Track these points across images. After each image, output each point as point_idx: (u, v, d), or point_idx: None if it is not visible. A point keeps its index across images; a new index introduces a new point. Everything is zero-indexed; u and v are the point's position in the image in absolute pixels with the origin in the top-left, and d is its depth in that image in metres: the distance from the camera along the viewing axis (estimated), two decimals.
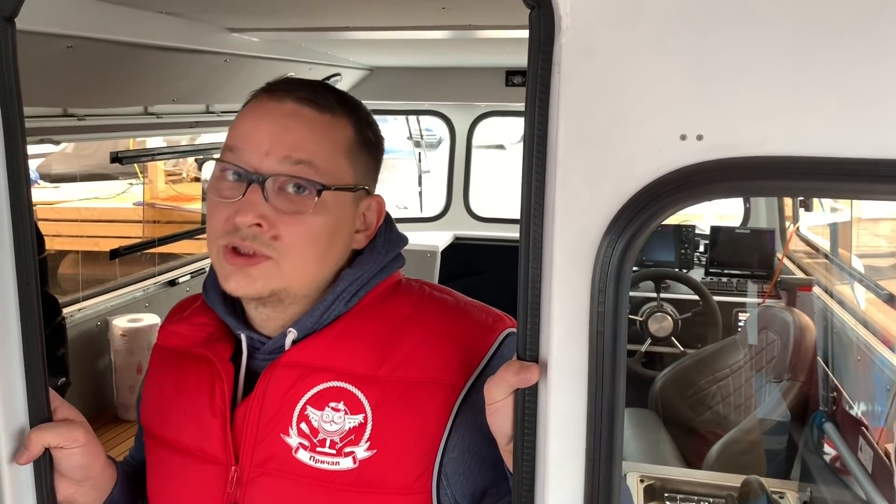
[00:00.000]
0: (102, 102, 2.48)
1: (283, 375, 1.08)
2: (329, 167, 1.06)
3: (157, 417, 1.20)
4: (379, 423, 1.05)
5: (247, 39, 2.64)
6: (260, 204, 1.03)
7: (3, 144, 1.00)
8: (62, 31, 1.73)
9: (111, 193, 5.72)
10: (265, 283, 1.05)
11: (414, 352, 1.08)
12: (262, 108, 1.07)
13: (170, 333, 1.19)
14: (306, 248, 1.06)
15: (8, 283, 1.03)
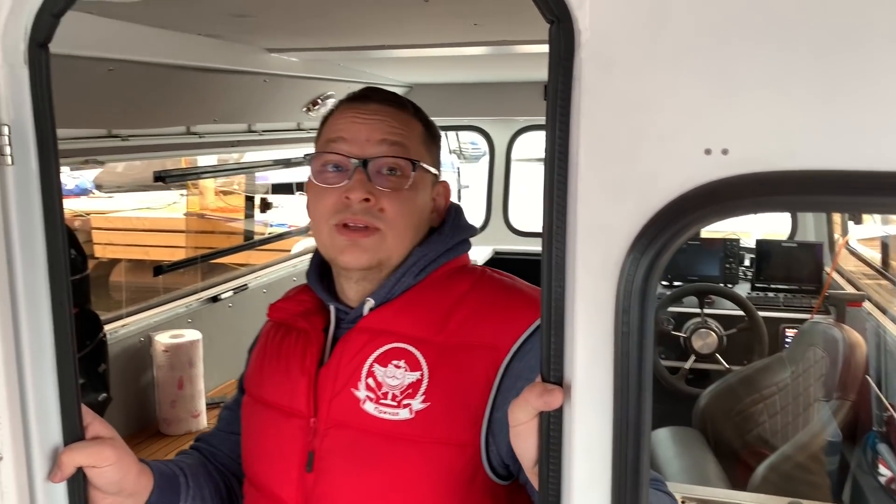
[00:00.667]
0: (145, 123, 2.53)
1: (356, 338, 1.24)
2: (416, 150, 1.26)
3: (257, 379, 1.37)
4: (434, 379, 1.18)
5: (285, 59, 2.68)
6: (365, 183, 1.21)
7: (39, 168, 1.03)
8: (103, 55, 1.78)
9: (163, 204, 5.84)
10: (374, 253, 1.22)
11: (467, 320, 1.21)
12: (353, 110, 1.27)
13: (276, 309, 1.38)
14: (405, 220, 1.24)
15: (42, 304, 1.05)
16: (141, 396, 2.77)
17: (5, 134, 0.99)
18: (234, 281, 3.51)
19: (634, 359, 0.82)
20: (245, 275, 3.69)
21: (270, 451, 1.29)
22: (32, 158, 1.02)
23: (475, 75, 3.87)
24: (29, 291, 1.04)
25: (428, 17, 1.71)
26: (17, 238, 1.02)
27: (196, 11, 1.66)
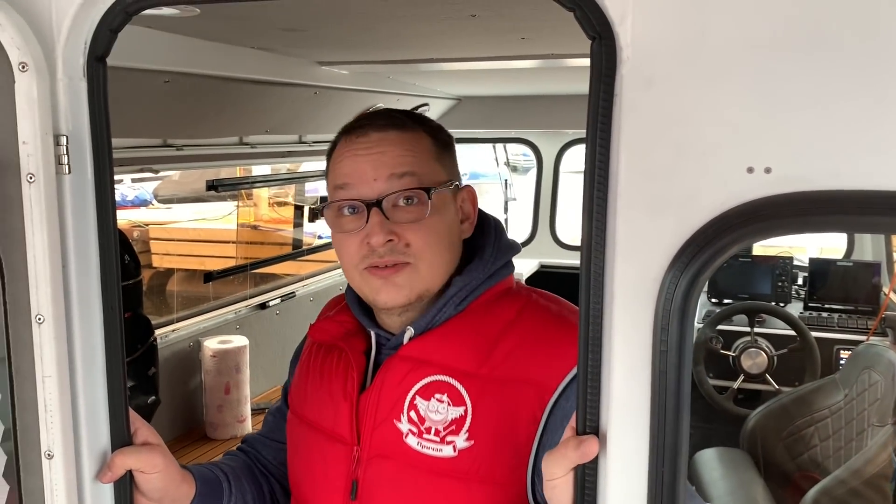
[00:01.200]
0: (199, 133, 2.60)
1: (398, 367, 1.20)
2: (427, 172, 1.19)
3: (301, 397, 1.35)
4: (477, 416, 1.14)
5: (336, 72, 2.72)
6: (384, 223, 1.16)
7: (94, 177, 1.07)
8: (160, 67, 1.83)
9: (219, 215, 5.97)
10: (410, 288, 1.18)
11: (512, 353, 1.16)
12: (353, 145, 1.20)
13: (318, 329, 1.35)
14: (435, 248, 1.19)
15: (94, 308, 1.09)
16: (188, 400, 2.83)
17: (63, 144, 1.03)
18: (282, 289, 3.57)
19: (672, 378, 0.81)
20: (293, 283, 3.75)
21: (316, 474, 1.28)
22: (88, 168, 1.06)
23: (523, 88, 3.87)
24: (82, 295, 1.07)
25: (475, 31, 1.72)
26: (72, 244, 1.06)
27: (249, 25, 1.70)
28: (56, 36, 1.03)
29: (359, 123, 1.22)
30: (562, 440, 0.90)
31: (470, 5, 1.40)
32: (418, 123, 1.23)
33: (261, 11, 1.48)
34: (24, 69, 0.99)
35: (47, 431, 1.06)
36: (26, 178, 1.01)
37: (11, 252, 1.03)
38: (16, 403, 1.07)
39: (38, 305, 1.03)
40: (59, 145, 1.03)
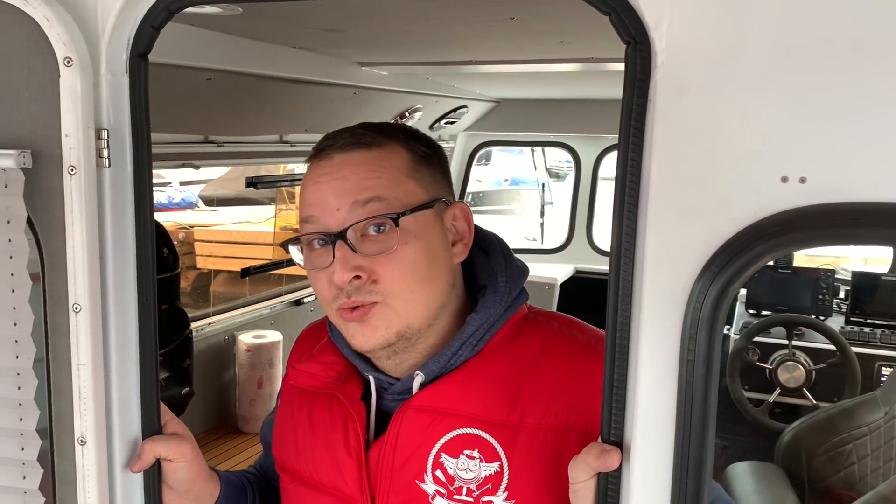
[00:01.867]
0: (240, 131, 2.64)
1: (415, 420, 1.08)
2: (398, 194, 1.06)
3: (290, 452, 1.22)
4: (515, 471, 1.03)
5: (376, 73, 2.73)
6: (351, 258, 1.03)
7: (133, 171, 1.09)
8: (202, 65, 1.86)
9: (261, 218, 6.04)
10: (386, 328, 1.05)
11: (545, 396, 1.05)
12: (316, 172, 1.09)
13: (301, 374, 1.20)
14: (408, 280, 1.05)
15: (129, 299, 1.11)
16: (222, 393, 2.87)
17: (104, 138, 1.05)
18: None
19: (699, 390, 0.80)
20: None
21: None
22: (128, 161, 1.08)
23: (563, 91, 3.85)
24: (118, 286, 1.10)
25: (514, 34, 1.72)
26: (110, 235, 1.08)
27: (290, 25, 1.72)
28: (100, 32, 1.05)
29: (321, 145, 1.10)
30: (586, 447, 0.90)
31: (508, 8, 1.39)
32: (393, 137, 1.10)
33: (302, 11, 1.50)
34: (68, 64, 1.01)
35: (81, 418, 1.08)
36: (68, 171, 1.03)
37: (51, 242, 1.06)
38: (52, 390, 1.09)
39: (76, 295, 1.06)
40: (101, 139, 1.05)
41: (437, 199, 1.10)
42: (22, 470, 1.09)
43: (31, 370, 1.07)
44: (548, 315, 1.17)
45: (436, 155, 1.15)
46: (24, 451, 1.09)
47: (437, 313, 1.09)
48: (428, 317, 1.08)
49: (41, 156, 1.04)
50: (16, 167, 1.02)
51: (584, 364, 1.07)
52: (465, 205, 1.14)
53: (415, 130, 1.16)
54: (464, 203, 1.14)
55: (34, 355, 1.07)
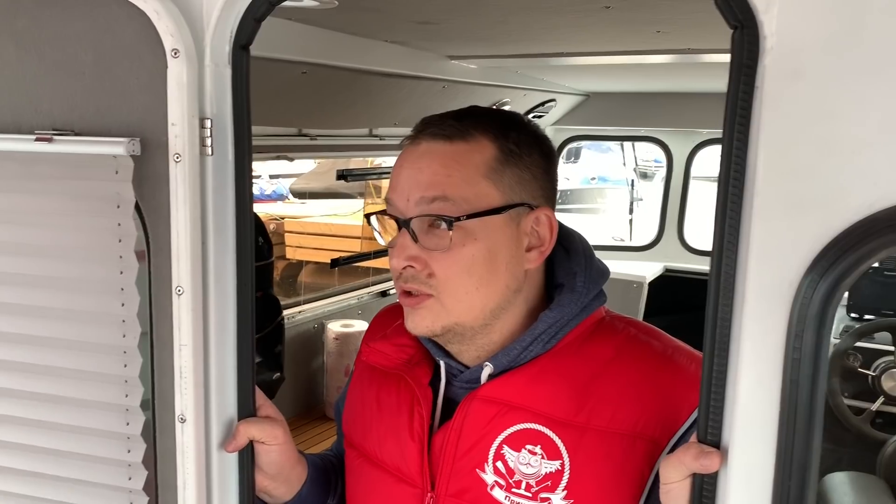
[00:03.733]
0: (332, 124, 2.69)
1: (481, 410, 1.09)
2: (466, 195, 1.05)
3: (358, 428, 1.25)
4: (577, 471, 1.03)
5: (465, 66, 2.74)
6: (409, 246, 1.06)
7: (234, 160, 1.12)
8: (298, 58, 1.91)
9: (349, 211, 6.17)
10: (432, 320, 1.08)
11: (614, 400, 1.04)
12: (403, 155, 1.11)
13: (373, 352, 1.23)
14: (462, 280, 1.06)
15: (229, 284, 1.15)
16: (310, 380, 2.94)
17: (208, 127, 1.09)
18: None
19: (805, 390, 0.76)
20: None
21: None
22: (229, 150, 1.12)
23: (655, 84, 3.75)
24: (218, 270, 1.13)
25: (609, 24, 1.69)
26: (212, 222, 1.12)
27: (384, 18, 1.74)
28: (205, 25, 1.09)
29: (418, 128, 1.12)
30: (683, 445, 0.87)
31: None
32: (481, 129, 1.08)
33: (397, 4, 1.51)
34: (175, 55, 1.05)
35: (181, 397, 1.13)
36: (173, 158, 1.07)
37: (157, 227, 1.11)
38: (155, 369, 1.14)
39: (179, 278, 1.10)
40: (204, 128, 1.09)
41: (513, 204, 1.08)
42: (127, 444, 1.15)
43: (137, 349, 1.12)
44: (625, 320, 1.16)
45: (530, 153, 1.11)
46: (129, 425, 1.14)
47: (493, 315, 1.10)
48: (481, 317, 1.09)
49: (149, 143, 1.08)
50: (126, 154, 1.07)
51: (657, 372, 1.06)
52: (552, 212, 1.12)
53: (517, 121, 1.14)
54: (550, 210, 1.12)
55: (139, 335, 1.12)
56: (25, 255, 1.15)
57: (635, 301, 4.06)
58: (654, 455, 1.02)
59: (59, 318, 1.15)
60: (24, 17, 1.12)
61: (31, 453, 1.20)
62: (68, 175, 1.11)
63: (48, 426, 1.18)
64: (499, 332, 1.12)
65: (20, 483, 1.21)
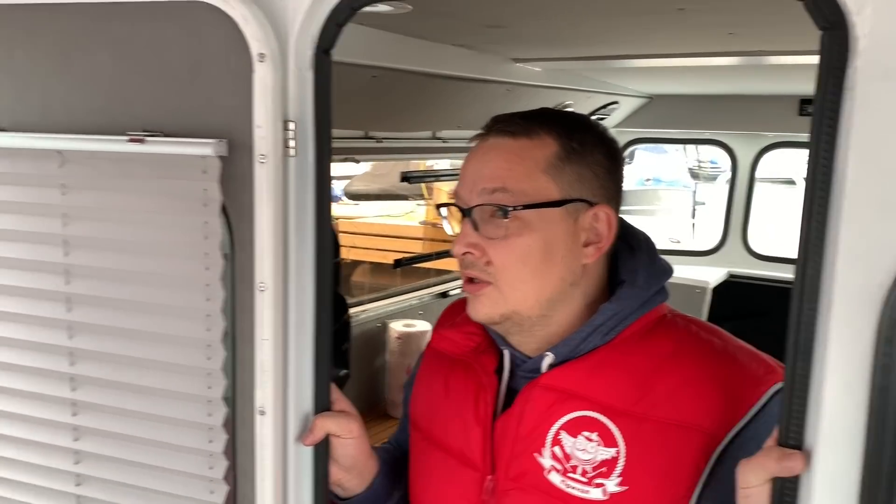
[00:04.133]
0: (397, 127, 2.73)
1: (541, 397, 1.13)
2: (525, 188, 1.10)
3: (424, 412, 1.30)
4: (632, 459, 1.06)
5: (529, 69, 2.74)
6: (470, 234, 1.12)
7: (315, 161, 1.16)
8: (369, 63, 1.94)
9: (401, 212, 6.23)
10: (490, 307, 1.13)
11: (674, 392, 1.07)
12: (473, 149, 1.18)
13: (442, 338, 1.29)
14: (517, 269, 1.11)
15: (307, 281, 1.18)
16: (373, 377, 2.98)
17: (291, 129, 1.13)
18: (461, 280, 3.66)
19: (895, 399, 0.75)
20: None
21: (442, 497, 1.24)
22: (310, 151, 1.15)
23: (721, 87, 3.69)
24: (298, 268, 1.17)
25: (681, 26, 1.67)
26: (293, 221, 1.15)
27: (454, 23, 1.76)
28: (290, 30, 1.12)
29: (486, 125, 1.19)
30: (763, 449, 0.86)
31: None
32: (546, 127, 1.13)
33: (468, 8, 1.53)
34: (262, 59, 1.09)
35: (261, 390, 1.16)
36: (258, 159, 1.11)
37: (241, 225, 1.15)
38: (237, 363, 1.18)
39: (261, 275, 1.14)
40: (287, 130, 1.13)
41: (572, 199, 1.12)
42: (209, 434, 1.19)
43: (220, 343, 1.16)
44: (687, 318, 1.18)
45: (593, 152, 1.15)
46: (212, 416, 1.18)
47: (549, 305, 1.13)
48: (536, 307, 1.13)
49: (235, 145, 1.12)
50: (213, 155, 1.11)
51: (717, 367, 1.08)
52: (612, 210, 1.15)
53: (583, 122, 1.18)
54: (611, 208, 1.15)
55: (223, 329, 1.16)
56: (118, 250, 1.21)
57: (698, 305, 3.99)
58: (710, 448, 1.04)
59: (147, 312, 1.20)
60: (119, 24, 1.17)
61: (119, 440, 1.25)
62: (159, 174, 1.16)
63: (136, 415, 1.23)
64: (557, 324, 1.15)
65: (109, 469, 1.27)
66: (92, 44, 1.19)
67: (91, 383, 1.26)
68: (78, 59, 1.21)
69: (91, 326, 1.25)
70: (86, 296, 1.24)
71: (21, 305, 1.29)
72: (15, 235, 1.27)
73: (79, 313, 1.25)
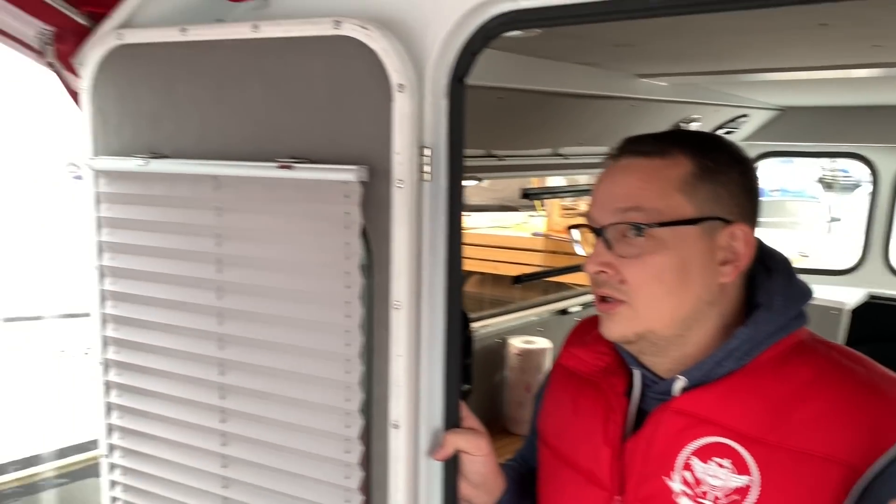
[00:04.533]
0: (519, 145, 2.75)
1: (672, 421, 1.12)
2: (659, 206, 1.10)
3: (553, 428, 1.32)
4: (767, 489, 1.03)
5: (654, 84, 2.70)
6: (603, 253, 1.12)
7: (447, 184, 1.20)
8: (496, 84, 1.98)
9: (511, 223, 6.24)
10: (625, 326, 1.13)
11: (812, 422, 1.03)
12: (605, 171, 1.19)
13: (572, 356, 1.31)
14: (652, 287, 1.10)
15: (439, 299, 1.22)
16: (492, 393, 3.00)
17: (427, 155, 1.17)
18: (581, 297, 3.62)
19: None
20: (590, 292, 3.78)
21: None
22: (443, 176, 1.20)
23: (861, 97, 3.49)
24: (430, 287, 1.21)
25: (822, 40, 1.61)
26: (426, 242, 1.20)
27: (581, 43, 1.77)
28: (427, 60, 1.17)
29: (617, 146, 1.19)
30: None
31: (821, 13, 1.31)
32: (679, 146, 1.13)
33: (598, 30, 1.54)
34: (401, 90, 1.14)
35: (396, 404, 1.21)
36: (396, 184, 1.17)
37: (379, 246, 1.20)
38: (372, 377, 1.24)
39: (397, 293, 1.19)
40: (423, 156, 1.17)
41: (707, 217, 1.10)
42: (346, 445, 1.25)
43: (358, 357, 1.22)
44: (828, 344, 1.14)
45: (728, 171, 1.13)
46: (349, 428, 1.24)
47: (685, 325, 1.12)
48: (672, 325, 1.11)
49: (374, 170, 1.18)
50: (355, 180, 1.17)
51: (860, 397, 1.04)
52: (749, 228, 1.13)
53: (717, 141, 1.17)
54: (748, 226, 1.13)
55: (361, 344, 1.22)
56: (265, 268, 1.29)
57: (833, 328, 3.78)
58: (849, 481, 0.99)
59: (291, 326, 1.28)
60: (270, 58, 1.26)
61: (262, 447, 1.34)
62: (304, 198, 1.23)
63: (278, 423, 1.31)
64: (692, 345, 1.14)
65: (253, 474, 1.36)
66: (245, 77, 1.29)
67: (238, 392, 1.36)
68: (232, 92, 1.31)
69: (239, 339, 1.34)
70: (235, 310, 1.34)
71: (178, 318, 1.40)
72: (174, 253, 1.38)
73: (229, 326, 1.34)
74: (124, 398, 1.50)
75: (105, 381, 1.52)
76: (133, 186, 1.42)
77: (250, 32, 1.24)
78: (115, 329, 1.49)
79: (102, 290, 1.49)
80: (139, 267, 1.44)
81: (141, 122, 1.42)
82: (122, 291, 1.47)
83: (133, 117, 1.43)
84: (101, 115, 1.47)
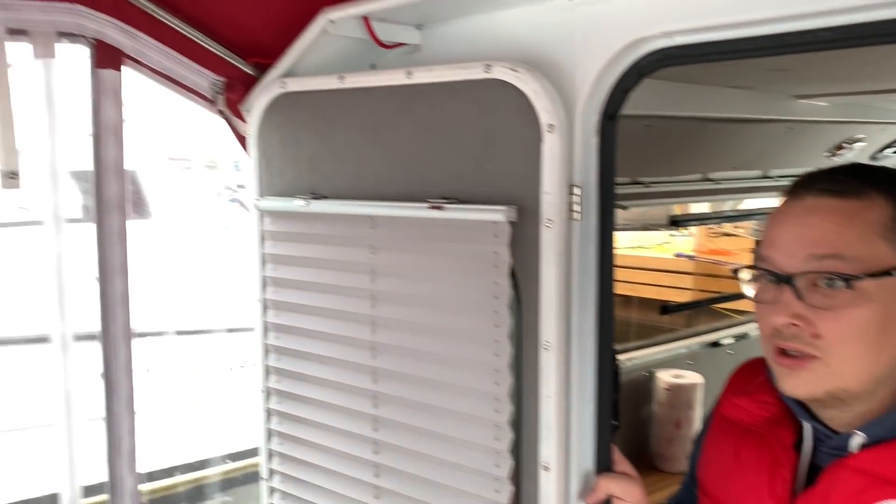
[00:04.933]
0: (666, 172, 2.67)
1: (850, 479, 1.03)
2: (861, 254, 0.99)
3: (714, 479, 1.25)
4: None
5: (813, 104, 2.55)
6: (792, 304, 1.01)
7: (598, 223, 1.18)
8: (644, 113, 1.94)
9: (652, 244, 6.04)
10: (815, 384, 1.03)
11: None
12: (784, 211, 1.07)
13: (734, 406, 1.23)
14: (852, 344, 1.00)
15: (589, 340, 1.20)
16: (639, 428, 2.90)
17: (577, 194, 1.17)
18: (735, 328, 3.44)
19: None
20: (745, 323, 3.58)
21: None
22: (593, 214, 1.18)
23: None
24: (581, 328, 1.20)
25: None
26: (577, 282, 1.19)
27: (736, 68, 1.71)
28: (577, 99, 1.17)
29: (801, 183, 1.08)
30: None
31: None
32: (875, 187, 1.03)
33: None
34: (551, 130, 1.15)
35: (546, 446, 1.20)
36: (545, 224, 1.17)
37: (527, 286, 1.21)
38: (522, 417, 1.24)
39: (546, 333, 1.18)
40: (573, 195, 1.17)
41: None
42: (495, 484, 1.25)
43: (507, 397, 1.23)
44: None
45: None
46: (499, 468, 1.24)
47: (879, 382, 1.03)
48: (866, 384, 1.03)
49: (523, 210, 1.19)
50: (504, 220, 1.18)
51: None
52: None
53: None
54: None
55: (509, 384, 1.22)
56: (417, 305, 1.33)
57: None
58: None
59: (441, 362, 1.30)
60: (422, 102, 1.30)
61: (414, 482, 1.36)
62: (454, 238, 1.26)
63: (428, 459, 1.34)
64: (879, 401, 1.05)
65: None
66: (398, 121, 1.34)
67: (389, 425, 1.39)
68: (386, 135, 1.36)
69: (391, 372, 1.38)
70: (388, 344, 1.38)
71: (334, 350, 1.47)
72: (331, 288, 1.45)
73: (382, 360, 1.39)
74: (285, 426, 1.58)
75: (266, 409, 1.61)
76: (295, 225, 1.50)
77: (404, 78, 1.29)
78: (277, 359, 1.58)
79: (265, 322, 1.59)
80: (299, 301, 1.52)
81: (302, 165, 1.50)
82: (283, 323, 1.56)
83: (295, 160, 1.52)
84: (265, 158, 1.57)
